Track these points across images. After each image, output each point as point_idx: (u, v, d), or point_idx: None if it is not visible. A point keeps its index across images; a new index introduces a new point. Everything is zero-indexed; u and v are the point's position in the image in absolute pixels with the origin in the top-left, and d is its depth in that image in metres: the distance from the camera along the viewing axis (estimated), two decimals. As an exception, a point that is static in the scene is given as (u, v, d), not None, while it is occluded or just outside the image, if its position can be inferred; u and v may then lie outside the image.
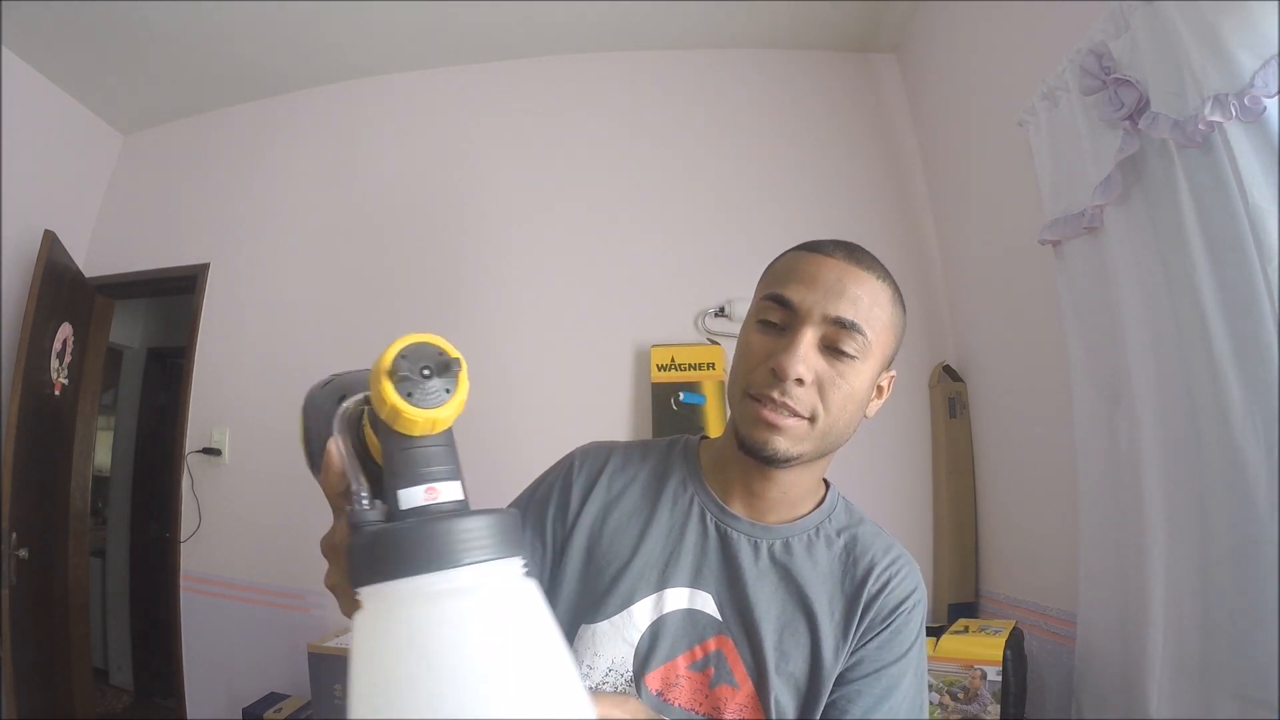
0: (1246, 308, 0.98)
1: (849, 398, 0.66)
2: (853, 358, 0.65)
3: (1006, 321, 1.83)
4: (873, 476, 2.08)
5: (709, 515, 0.72)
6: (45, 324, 2.27)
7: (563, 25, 2.31)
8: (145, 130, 2.76)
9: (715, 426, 2.06)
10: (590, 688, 0.65)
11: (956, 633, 1.53)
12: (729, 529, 0.72)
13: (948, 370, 2.06)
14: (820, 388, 0.64)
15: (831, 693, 0.67)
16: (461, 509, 0.36)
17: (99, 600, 3.32)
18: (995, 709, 1.41)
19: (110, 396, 3.55)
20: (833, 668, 0.67)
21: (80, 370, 2.53)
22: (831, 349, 0.65)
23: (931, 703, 1.49)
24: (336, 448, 0.38)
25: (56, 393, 2.38)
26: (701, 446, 0.79)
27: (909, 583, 0.73)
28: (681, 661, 0.68)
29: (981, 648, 1.46)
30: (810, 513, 0.74)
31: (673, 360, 2.10)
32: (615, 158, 2.37)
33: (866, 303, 0.66)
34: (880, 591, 0.70)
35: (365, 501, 0.36)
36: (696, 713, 0.67)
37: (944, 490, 2.00)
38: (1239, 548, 0.99)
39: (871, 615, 0.69)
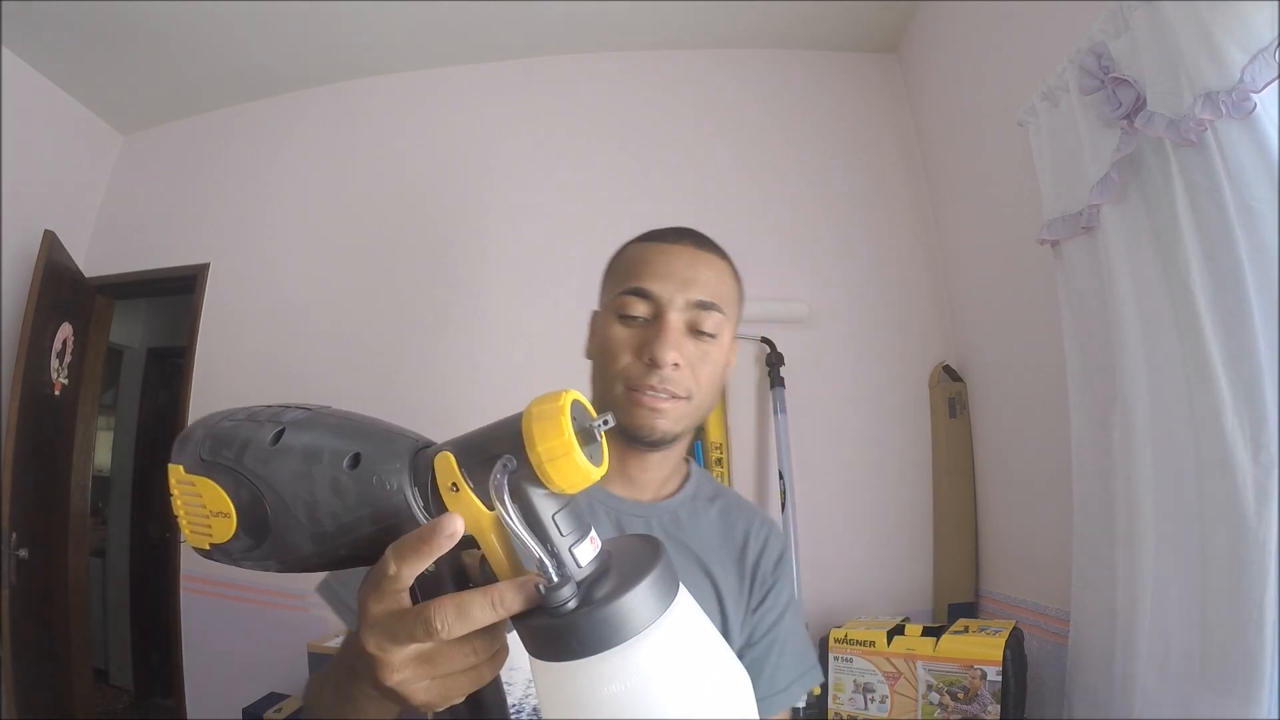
0: (1234, 307, 0.98)
1: (716, 371, 0.72)
2: (713, 335, 0.71)
3: (1006, 321, 1.83)
4: (873, 477, 2.08)
5: (594, 504, 0.74)
6: (45, 324, 2.27)
7: (561, 25, 2.31)
8: (145, 130, 2.76)
9: (715, 426, 2.06)
10: (512, 705, 0.66)
11: (956, 633, 1.53)
12: (619, 513, 0.74)
13: (948, 370, 2.06)
14: (692, 368, 0.70)
15: (741, 657, 0.71)
16: (610, 549, 0.37)
17: (99, 600, 3.32)
18: (995, 709, 1.41)
19: (110, 396, 3.55)
20: (734, 626, 0.72)
21: (80, 370, 2.53)
22: (695, 331, 0.70)
23: (931, 703, 1.49)
24: (508, 518, 0.33)
25: (56, 393, 2.38)
26: None
27: (778, 538, 0.80)
28: None
29: (981, 648, 1.46)
30: (682, 486, 0.79)
31: (673, 360, 2.10)
32: (615, 157, 2.37)
33: (715, 282, 0.72)
34: (761, 553, 0.77)
35: (555, 576, 0.33)
36: None
37: (944, 490, 2.00)
38: (1228, 549, 0.99)
39: (760, 576, 0.76)
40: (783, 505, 1.92)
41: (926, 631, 1.57)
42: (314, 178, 2.53)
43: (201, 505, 0.39)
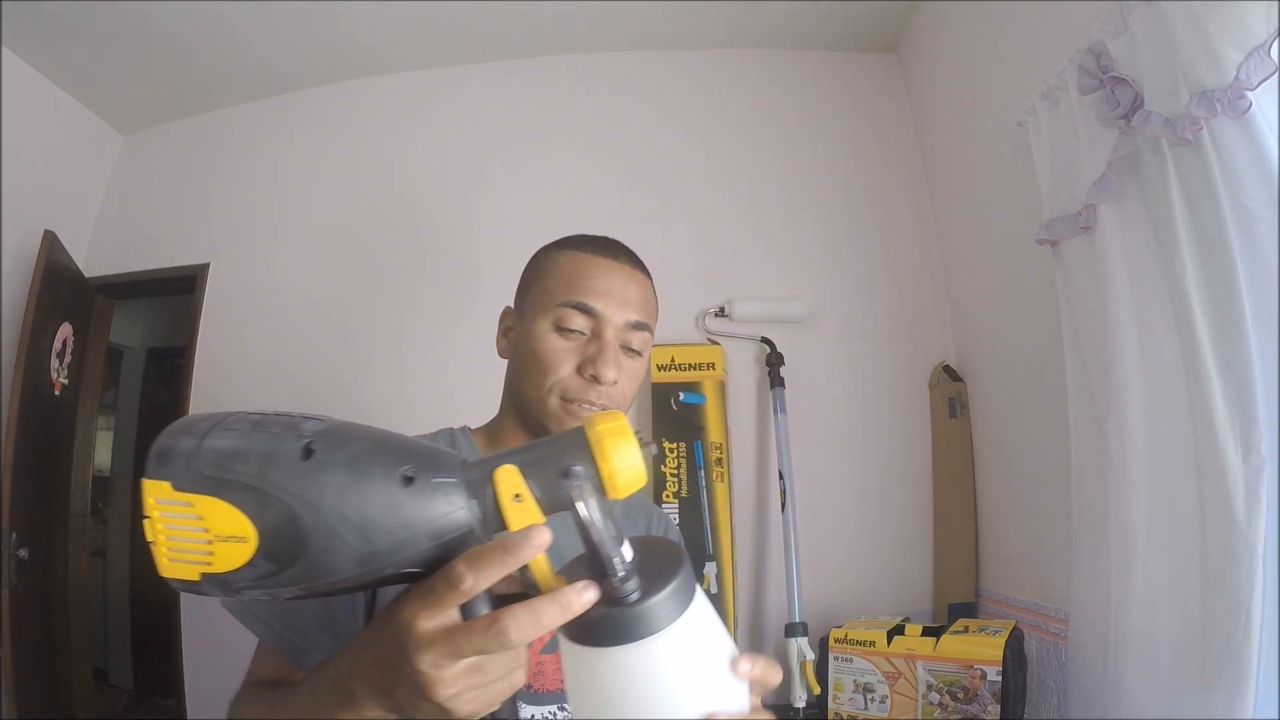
0: (1228, 308, 0.98)
1: (637, 385, 0.78)
2: (640, 353, 0.76)
3: (1006, 321, 1.83)
4: (873, 477, 2.09)
5: None
6: (45, 324, 2.26)
7: (562, 25, 2.31)
8: (145, 130, 2.76)
9: (715, 426, 2.07)
10: None
11: (956, 633, 1.53)
12: None
13: (948, 370, 2.06)
14: (622, 383, 0.74)
15: None
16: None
17: (99, 600, 3.32)
18: (995, 709, 1.41)
19: (110, 396, 3.55)
20: None
21: (80, 370, 2.53)
22: (626, 348, 0.75)
23: (931, 703, 1.49)
24: (592, 520, 0.37)
25: (56, 393, 2.37)
26: (475, 436, 0.82)
27: (674, 531, 0.92)
28: (535, 649, 0.70)
29: (981, 648, 1.46)
30: None
31: (673, 360, 2.10)
32: (615, 158, 2.37)
33: (645, 302, 0.78)
34: None
35: (622, 570, 0.37)
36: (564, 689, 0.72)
37: (944, 490, 2.00)
38: (1218, 550, 0.99)
39: None
40: (783, 505, 1.92)
41: (926, 631, 1.57)
42: (314, 178, 2.53)
43: (202, 529, 0.35)
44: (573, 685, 0.40)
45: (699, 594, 0.40)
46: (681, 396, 2.08)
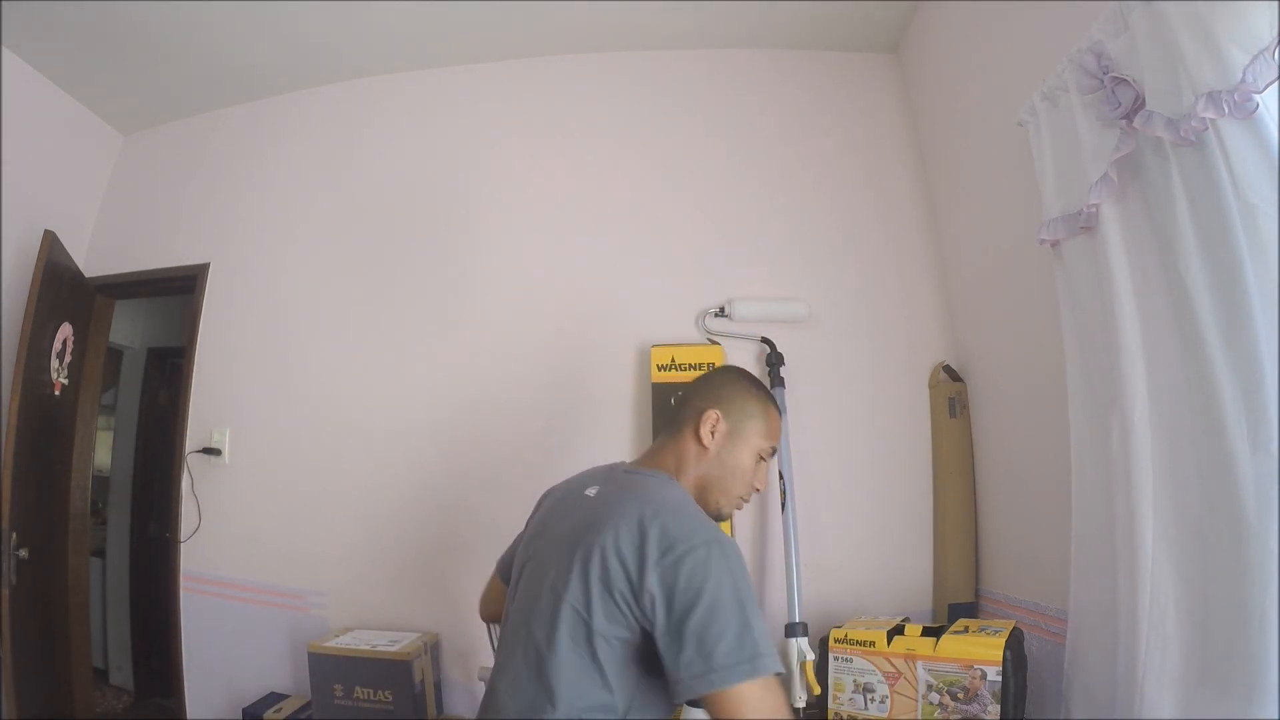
0: (1235, 306, 0.97)
1: None
2: None
3: (1006, 321, 1.83)
4: (873, 477, 2.08)
5: None
6: (45, 324, 2.27)
7: (561, 26, 2.31)
8: (145, 130, 2.76)
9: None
10: None
11: (956, 633, 1.53)
12: None
13: (948, 370, 2.06)
14: None
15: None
16: None
17: (99, 600, 3.32)
18: (995, 709, 1.41)
19: (110, 396, 3.55)
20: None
21: (80, 370, 2.53)
22: None
23: (931, 703, 1.49)
24: None
25: (56, 393, 2.38)
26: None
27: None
28: None
29: (981, 648, 1.46)
30: None
31: (673, 360, 2.10)
32: (616, 158, 2.37)
33: None
34: None
35: None
36: None
37: (944, 490, 2.00)
38: (1229, 549, 0.99)
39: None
40: (783, 505, 1.92)
41: (926, 631, 1.57)
42: (314, 177, 2.53)
43: None
44: None
45: None
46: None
